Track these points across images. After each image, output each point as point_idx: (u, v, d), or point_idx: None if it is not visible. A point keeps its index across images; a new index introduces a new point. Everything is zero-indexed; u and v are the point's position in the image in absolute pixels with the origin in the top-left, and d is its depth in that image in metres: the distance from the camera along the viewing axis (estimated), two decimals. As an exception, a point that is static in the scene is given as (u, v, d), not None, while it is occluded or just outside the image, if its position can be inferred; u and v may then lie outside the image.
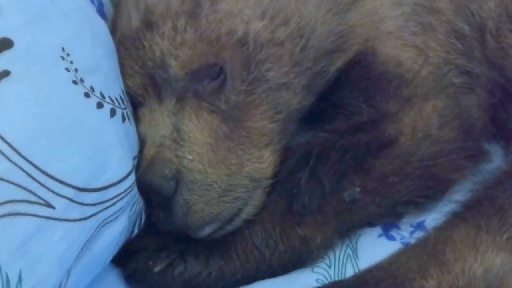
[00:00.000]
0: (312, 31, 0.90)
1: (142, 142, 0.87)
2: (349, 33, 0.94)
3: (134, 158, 0.86)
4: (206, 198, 0.86)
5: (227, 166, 0.87)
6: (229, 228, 0.90)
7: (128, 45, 0.88)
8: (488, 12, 1.01)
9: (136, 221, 0.89)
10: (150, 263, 0.90)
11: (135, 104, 0.90)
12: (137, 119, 0.88)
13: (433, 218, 0.95)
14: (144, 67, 0.88)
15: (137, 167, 0.85)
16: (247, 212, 0.91)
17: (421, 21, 0.98)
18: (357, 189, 0.92)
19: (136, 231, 0.90)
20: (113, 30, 0.91)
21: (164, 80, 0.87)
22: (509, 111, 1.03)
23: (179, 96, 0.87)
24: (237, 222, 0.90)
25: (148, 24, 0.87)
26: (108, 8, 0.99)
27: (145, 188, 0.85)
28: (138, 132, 0.87)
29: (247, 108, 0.88)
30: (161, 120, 0.88)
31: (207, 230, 0.88)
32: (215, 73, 0.86)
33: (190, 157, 0.85)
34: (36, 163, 0.70)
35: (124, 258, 0.91)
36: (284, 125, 0.92)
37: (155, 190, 0.84)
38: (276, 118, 0.91)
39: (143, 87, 0.89)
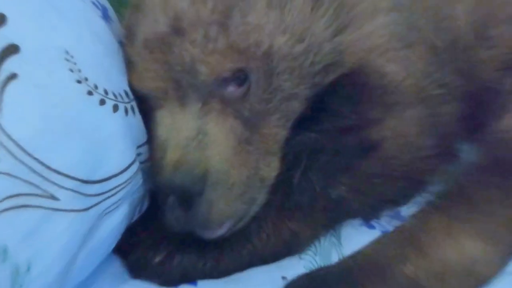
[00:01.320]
0: (319, 48, 0.90)
1: (162, 144, 0.85)
2: (346, 50, 0.94)
3: (138, 147, 0.86)
4: (227, 198, 0.84)
5: (247, 169, 0.86)
6: (240, 225, 0.89)
7: (154, 49, 0.86)
8: (459, 30, 1.02)
9: (135, 208, 0.88)
10: (151, 254, 0.90)
11: (153, 106, 0.88)
12: (155, 122, 0.87)
13: (407, 207, 0.97)
14: (170, 71, 0.85)
15: (157, 171, 0.84)
16: (254, 209, 0.90)
17: (404, 38, 0.98)
18: (344, 188, 0.93)
19: (136, 217, 0.90)
20: (130, 33, 0.90)
21: (191, 85, 0.85)
22: (480, 114, 1.03)
23: (205, 101, 0.85)
24: (246, 220, 0.90)
25: (178, 31, 0.85)
26: (112, 11, 0.99)
27: (172, 189, 0.82)
28: (158, 135, 0.86)
29: (264, 116, 0.88)
30: (184, 123, 0.85)
31: (223, 229, 0.87)
32: (240, 80, 0.85)
33: (217, 158, 0.83)
34: (40, 159, 0.70)
35: (126, 251, 0.90)
36: (288, 131, 0.92)
37: (185, 190, 0.82)
38: (286, 125, 0.91)
39: (165, 91, 0.87)
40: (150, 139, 0.88)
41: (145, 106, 0.88)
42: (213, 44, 0.83)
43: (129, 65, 0.89)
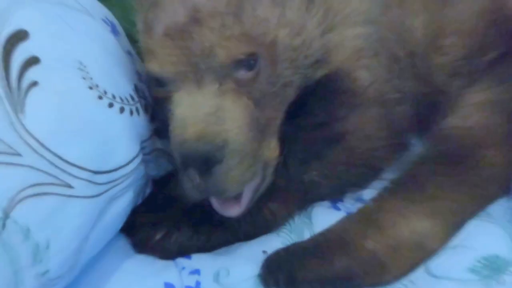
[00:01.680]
0: (311, 43, 0.88)
1: (182, 122, 0.81)
2: (332, 50, 0.92)
3: (142, 142, 0.86)
4: (242, 166, 0.80)
5: (257, 142, 0.83)
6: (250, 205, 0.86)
7: (174, 37, 0.81)
8: (417, 40, 1.01)
9: (139, 194, 0.89)
10: (152, 233, 0.90)
11: (171, 89, 0.84)
12: (174, 103, 0.83)
13: (369, 192, 0.96)
14: (189, 56, 0.81)
15: (178, 145, 0.80)
16: (264, 187, 0.87)
17: (373, 48, 0.97)
18: (315, 173, 0.93)
19: (140, 201, 0.90)
20: (148, 27, 0.85)
21: (209, 68, 0.81)
22: (431, 112, 1.03)
23: (221, 82, 0.81)
24: (257, 196, 0.87)
25: (196, 20, 0.81)
26: (119, 26, 0.99)
27: (195, 157, 0.78)
28: (177, 115, 0.82)
29: (269, 99, 0.85)
30: (203, 102, 0.81)
31: (242, 208, 0.85)
32: (251, 64, 0.82)
33: (235, 130, 0.80)
34: (58, 153, 0.70)
35: (131, 230, 0.90)
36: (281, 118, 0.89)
37: (208, 158, 0.77)
38: (283, 110, 0.88)
39: (184, 74, 0.82)
40: (169, 120, 0.84)
41: (162, 93, 0.86)
42: (229, 31, 0.80)
43: (149, 54, 0.84)
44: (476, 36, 1.00)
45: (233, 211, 0.84)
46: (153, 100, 0.93)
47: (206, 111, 0.80)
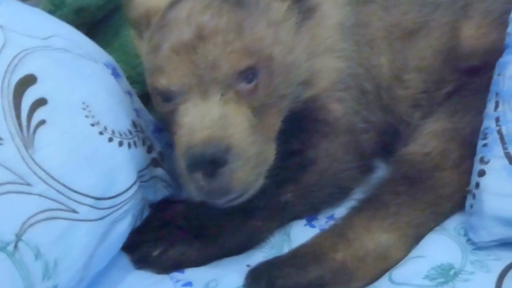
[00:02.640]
0: (299, 64, 0.90)
1: (189, 129, 0.80)
2: (316, 75, 0.94)
3: (139, 171, 0.87)
4: (245, 168, 0.79)
5: (258, 146, 0.82)
6: (241, 199, 0.83)
7: (181, 52, 0.81)
8: (383, 75, 1.03)
9: (138, 216, 0.89)
10: (150, 250, 0.90)
11: (177, 102, 0.83)
12: (180, 115, 0.83)
13: (340, 211, 0.97)
14: (195, 69, 0.81)
15: (185, 152, 0.78)
16: (256, 187, 0.84)
17: (346, 82, 0.98)
18: (290, 194, 0.94)
19: (138, 223, 0.90)
20: (155, 48, 0.85)
21: (212, 79, 0.81)
22: (393, 140, 1.05)
23: (224, 93, 0.81)
24: (246, 196, 0.83)
25: (201, 37, 0.81)
26: (120, 69, 0.98)
27: (202, 160, 0.77)
28: (184, 124, 0.81)
29: (267, 108, 0.85)
30: (208, 110, 0.80)
31: (233, 195, 0.81)
32: (251, 76, 0.83)
33: (237, 136, 0.79)
34: (65, 183, 0.72)
35: (131, 248, 0.90)
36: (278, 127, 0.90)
37: (214, 161, 0.77)
38: (280, 119, 0.89)
39: (189, 87, 0.82)
40: (177, 131, 0.83)
41: (168, 107, 0.85)
42: (231, 46, 0.81)
43: (156, 71, 0.84)
44: (434, 72, 1.02)
45: (225, 200, 0.82)
46: (159, 116, 0.93)
47: (210, 119, 0.79)
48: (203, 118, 0.79)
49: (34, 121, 0.71)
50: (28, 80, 0.73)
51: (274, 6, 0.88)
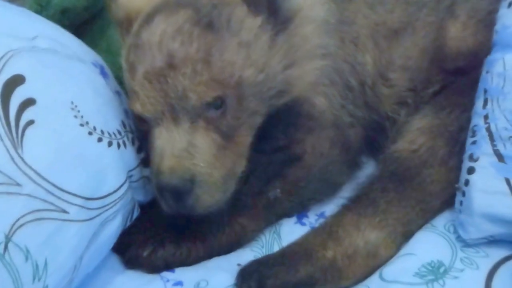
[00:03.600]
0: (274, 78, 0.90)
1: (160, 153, 0.84)
2: (293, 81, 0.94)
3: (129, 171, 0.86)
4: (210, 192, 0.83)
5: (225, 168, 0.85)
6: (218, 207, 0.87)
7: (153, 80, 0.84)
8: (367, 72, 1.03)
9: (128, 217, 0.89)
10: (140, 250, 0.90)
11: (152, 124, 0.86)
12: (154, 137, 0.86)
13: (330, 209, 0.97)
14: (166, 97, 0.83)
15: (156, 174, 0.83)
16: (228, 195, 0.88)
17: (330, 78, 0.99)
18: (278, 190, 0.94)
19: (128, 223, 0.90)
20: (131, 68, 0.87)
21: (182, 108, 0.83)
22: (381, 137, 1.06)
23: (193, 121, 0.84)
24: (222, 203, 0.87)
25: (171, 65, 0.83)
26: (107, 68, 0.98)
27: (168, 188, 0.82)
28: (156, 146, 0.85)
29: (237, 128, 0.87)
30: (178, 137, 0.84)
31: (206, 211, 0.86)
32: (219, 104, 0.84)
33: (202, 164, 0.82)
34: (54, 182, 0.72)
35: (121, 248, 0.91)
36: (252, 139, 0.91)
37: (177, 190, 0.81)
38: (252, 134, 0.90)
39: (162, 113, 0.84)
40: (150, 151, 0.88)
41: (146, 126, 0.88)
42: (199, 77, 0.83)
43: (132, 94, 0.86)
44: (420, 71, 1.03)
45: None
46: (138, 133, 0.95)
47: (179, 147, 0.83)
48: (173, 145, 0.83)
49: (23, 121, 0.71)
50: (16, 80, 0.73)
51: (247, 24, 0.89)
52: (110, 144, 0.82)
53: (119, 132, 0.86)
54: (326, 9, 1.00)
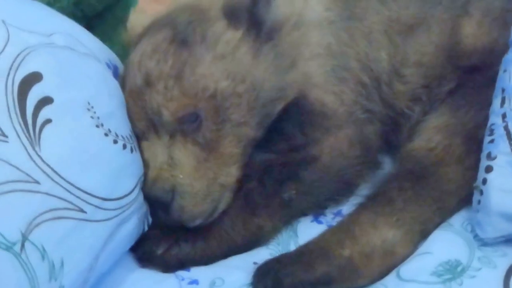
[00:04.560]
0: (261, 86, 0.91)
1: (146, 166, 0.88)
2: (288, 87, 0.95)
3: (139, 177, 0.86)
4: (193, 201, 0.87)
5: (206, 179, 0.88)
6: (211, 219, 0.91)
7: (134, 98, 0.88)
8: (382, 69, 1.03)
9: (144, 220, 0.89)
10: (154, 248, 0.91)
11: (140, 138, 0.90)
12: (141, 149, 0.89)
13: (347, 207, 0.97)
14: (146, 114, 0.88)
15: (144, 184, 0.87)
16: (222, 207, 0.91)
17: (338, 76, 0.99)
18: (293, 191, 0.93)
19: (146, 228, 0.90)
20: (123, 85, 0.91)
21: (160, 123, 0.88)
22: (397, 135, 1.05)
23: (171, 134, 0.88)
24: (216, 214, 0.91)
25: (148, 83, 0.87)
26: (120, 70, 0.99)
27: (151, 198, 0.86)
28: (143, 159, 0.88)
29: (219, 140, 0.89)
30: (159, 150, 0.88)
31: (196, 222, 0.89)
32: (193, 118, 0.87)
33: (181, 176, 0.86)
34: (72, 182, 0.71)
35: (136, 246, 0.90)
36: (245, 149, 0.93)
37: (158, 200, 0.86)
38: (239, 145, 0.91)
39: (146, 127, 0.89)
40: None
41: (138, 139, 0.91)
42: (170, 92, 0.86)
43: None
44: (435, 68, 1.03)
45: (190, 223, 0.89)
46: None
47: (160, 160, 0.87)
48: (155, 158, 0.88)
49: (40, 120, 0.70)
50: (33, 78, 0.72)
51: (224, 38, 0.91)
52: (124, 146, 0.82)
53: (131, 137, 0.87)
54: (325, 9, 1.01)
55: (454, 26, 1.02)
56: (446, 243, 0.85)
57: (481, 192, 0.84)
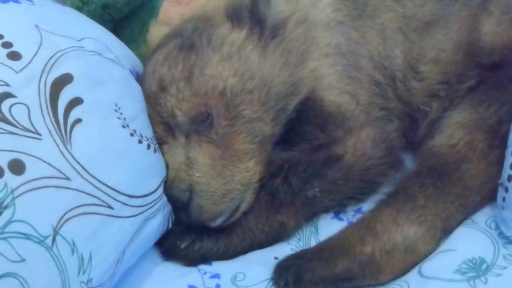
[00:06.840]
0: (271, 81, 0.94)
1: (167, 167, 0.90)
2: (298, 82, 0.97)
3: (163, 177, 0.88)
4: (212, 200, 0.88)
5: (223, 177, 0.89)
6: (233, 219, 0.92)
7: (151, 103, 0.91)
8: (397, 66, 1.03)
9: (169, 218, 0.91)
10: (178, 242, 0.92)
11: (160, 143, 0.92)
12: (162, 153, 0.91)
13: (368, 204, 0.97)
14: (162, 117, 0.91)
15: (165, 185, 0.89)
16: (244, 207, 0.92)
17: (351, 75, 1.00)
18: (317, 189, 0.94)
19: (170, 225, 0.92)
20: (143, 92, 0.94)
21: (175, 125, 0.90)
22: (415, 131, 1.05)
23: (186, 134, 0.91)
24: (238, 214, 0.92)
25: (162, 88, 0.91)
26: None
27: (170, 198, 0.88)
28: (165, 160, 0.90)
29: (232, 136, 0.91)
30: (177, 152, 0.91)
31: (218, 222, 0.90)
32: (205, 117, 0.90)
33: (197, 174, 0.88)
34: (100, 179, 0.74)
35: (160, 240, 0.92)
36: (261, 145, 0.94)
37: (176, 199, 0.88)
38: (254, 141, 0.93)
39: (164, 131, 0.92)
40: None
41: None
42: (182, 94, 0.89)
43: None
44: (453, 64, 1.02)
45: (212, 223, 0.90)
46: None
47: (178, 160, 0.90)
48: (174, 159, 0.90)
49: (71, 119, 0.73)
50: (65, 79, 0.75)
51: (229, 39, 0.94)
52: (148, 147, 0.85)
53: (153, 138, 0.89)
54: (333, 9, 1.02)
55: (473, 24, 1.01)
56: (469, 240, 0.84)
57: (506, 189, 0.82)
